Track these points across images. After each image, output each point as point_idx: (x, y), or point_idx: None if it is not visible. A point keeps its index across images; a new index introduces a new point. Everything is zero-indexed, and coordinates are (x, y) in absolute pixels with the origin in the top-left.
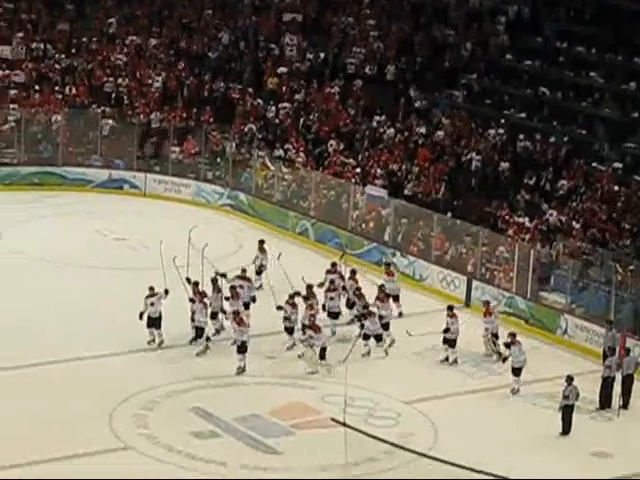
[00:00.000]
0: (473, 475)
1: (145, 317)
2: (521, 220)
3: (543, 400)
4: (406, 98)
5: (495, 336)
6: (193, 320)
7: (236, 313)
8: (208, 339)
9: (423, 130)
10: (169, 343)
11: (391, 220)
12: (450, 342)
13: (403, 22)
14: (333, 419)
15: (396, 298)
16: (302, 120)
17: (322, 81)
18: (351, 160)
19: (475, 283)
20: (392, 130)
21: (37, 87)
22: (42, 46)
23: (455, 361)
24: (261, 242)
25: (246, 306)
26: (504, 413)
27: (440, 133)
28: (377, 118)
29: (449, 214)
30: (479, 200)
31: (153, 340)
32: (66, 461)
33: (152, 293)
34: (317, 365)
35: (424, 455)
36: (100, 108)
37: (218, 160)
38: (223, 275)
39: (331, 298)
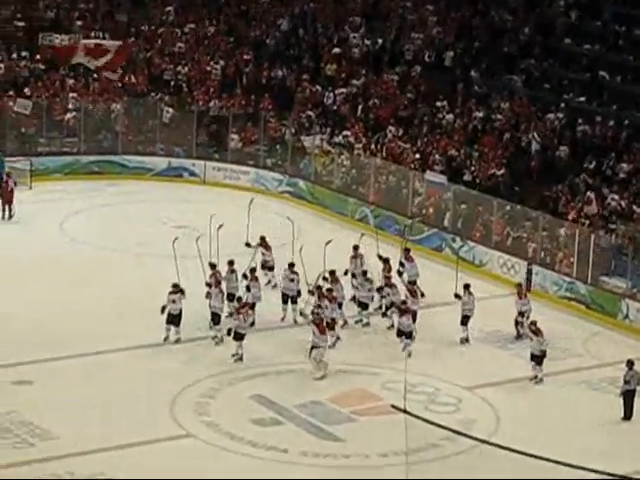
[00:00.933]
0: (535, 461)
1: (166, 313)
2: (581, 205)
3: (604, 385)
4: (465, 83)
5: (526, 318)
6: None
7: (239, 300)
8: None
9: (482, 115)
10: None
11: (451, 206)
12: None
13: (462, 7)
14: (393, 406)
15: (414, 283)
16: (361, 106)
17: (380, 67)
18: (410, 146)
19: (535, 268)
20: (451, 115)
21: (96, 76)
22: (101, 35)
23: (467, 339)
24: (262, 239)
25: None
26: (565, 398)
27: (499, 118)
28: (436, 103)
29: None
30: (539, 185)
31: (167, 338)
32: (128, 449)
33: (175, 290)
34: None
35: (485, 442)
36: (159, 96)
37: (277, 147)
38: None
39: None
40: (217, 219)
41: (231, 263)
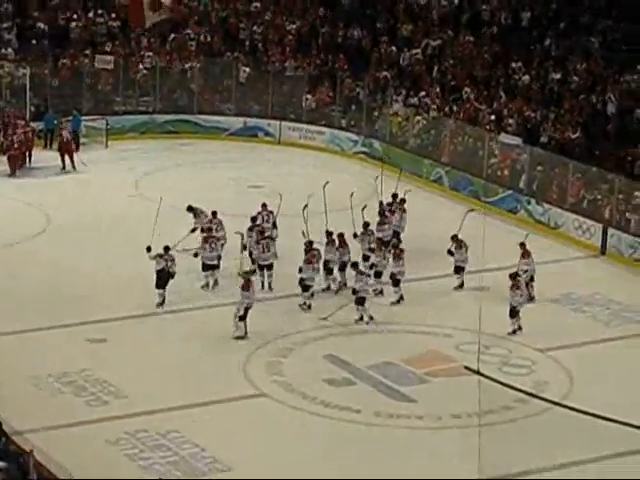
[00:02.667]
0: (609, 424)
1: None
2: None
3: None
4: (541, 45)
5: (532, 279)
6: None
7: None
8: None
9: (558, 77)
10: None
11: (526, 168)
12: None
13: None
14: (467, 367)
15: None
16: (436, 67)
17: (457, 28)
18: (485, 107)
19: (611, 231)
20: (527, 77)
21: (172, 35)
22: None
23: (461, 285)
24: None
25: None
26: None
27: (575, 79)
28: (512, 65)
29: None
30: (615, 147)
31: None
32: (201, 408)
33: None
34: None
35: (559, 404)
36: (235, 55)
37: (352, 107)
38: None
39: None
40: (292, 179)
41: (330, 234)
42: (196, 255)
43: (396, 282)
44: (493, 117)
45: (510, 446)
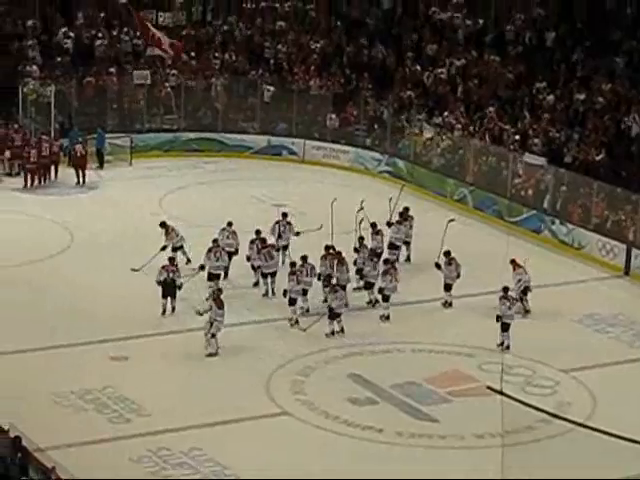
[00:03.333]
0: (633, 445)
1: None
2: None
3: None
4: (566, 65)
5: (525, 292)
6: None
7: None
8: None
9: (583, 97)
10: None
11: (550, 188)
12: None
13: None
14: (490, 387)
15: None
16: (461, 86)
17: (481, 47)
18: (510, 127)
19: (635, 251)
20: (552, 97)
21: (195, 53)
22: (202, 11)
23: (450, 304)
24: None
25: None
26: None
27: (600, 100)
28: (537, 84)
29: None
30: (639, 167)
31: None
32: (223, 426)
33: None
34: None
35: (582, 425)
36: (260, 74)
37: (376, 126)
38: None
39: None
40: (316, 197)
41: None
42: (202, 268)
43: (385, 297)
44: (517, 137)
45: (533, 466)
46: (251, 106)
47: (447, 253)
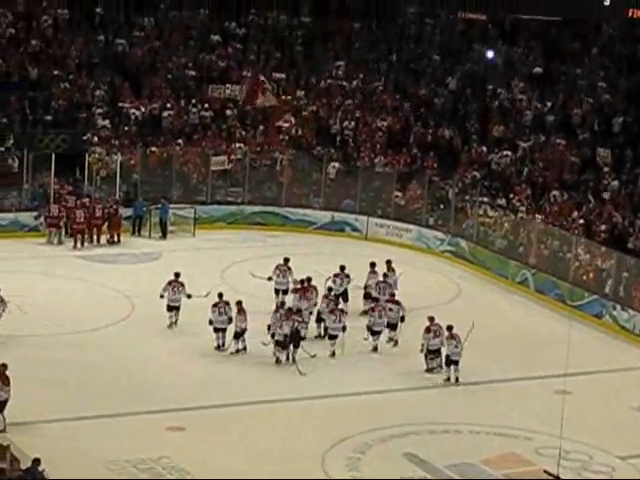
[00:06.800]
0: None
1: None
2: None
3: None
4: (633, 151)
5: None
6: None
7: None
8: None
9: None
10: (382, 388)
11: (612, 273)
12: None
13: (633, 74)
14: (546, 471)
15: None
16: (526, 169)
17: (548, 131)
18: (574, 210)
19: None
20: (616, 182)
21: (263, 127)
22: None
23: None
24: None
25: None
26: None
27: None
28: (602, 169)
29: None
30: None
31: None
32: None
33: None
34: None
35: None
36: (325, 150)
37: (440, 206)
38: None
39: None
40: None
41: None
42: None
43: (330, 336)
44: (582, 221)
45: None
46: (316, 181)
47: (449, 328)
